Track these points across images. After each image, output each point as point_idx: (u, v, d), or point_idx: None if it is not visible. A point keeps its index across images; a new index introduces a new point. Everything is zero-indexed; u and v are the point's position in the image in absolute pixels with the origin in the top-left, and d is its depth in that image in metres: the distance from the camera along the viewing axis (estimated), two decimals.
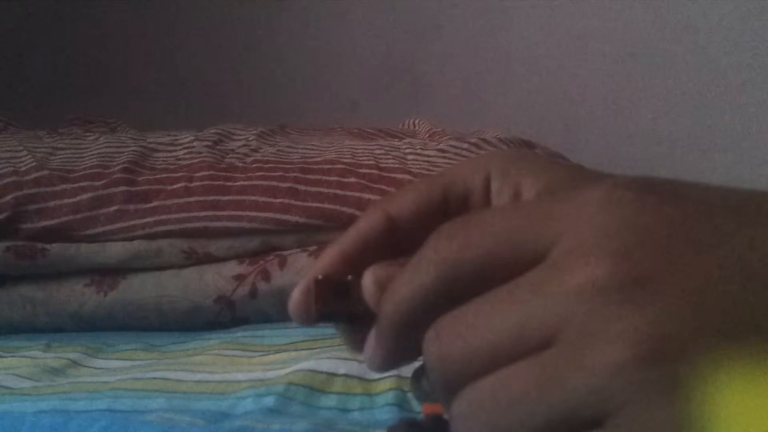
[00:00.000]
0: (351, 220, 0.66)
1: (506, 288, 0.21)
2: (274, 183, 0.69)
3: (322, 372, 0.49)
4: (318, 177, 0.69)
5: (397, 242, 0.26)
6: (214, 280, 0.66)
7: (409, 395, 0.47)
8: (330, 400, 0.47)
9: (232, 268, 0.66)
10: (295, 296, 0.26)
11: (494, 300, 0.22)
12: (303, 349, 0.55)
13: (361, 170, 0.70)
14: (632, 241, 0.20)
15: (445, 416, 0.24)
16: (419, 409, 0.42)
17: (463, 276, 0.22)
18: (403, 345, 0.24)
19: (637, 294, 0.20)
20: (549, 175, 0.25)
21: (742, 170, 1.38)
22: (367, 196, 0.68)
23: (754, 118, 1.39)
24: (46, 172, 0.70)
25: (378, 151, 0.76)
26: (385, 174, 0.70)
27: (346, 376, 0.49)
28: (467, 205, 0.26)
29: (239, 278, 0.65)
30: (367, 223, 0.26)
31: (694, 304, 0.20)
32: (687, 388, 0.19)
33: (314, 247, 0.67)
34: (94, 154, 0.75)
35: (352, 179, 0.69)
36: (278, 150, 0.77)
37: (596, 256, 0.20)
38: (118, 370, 0.54)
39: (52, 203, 0.68)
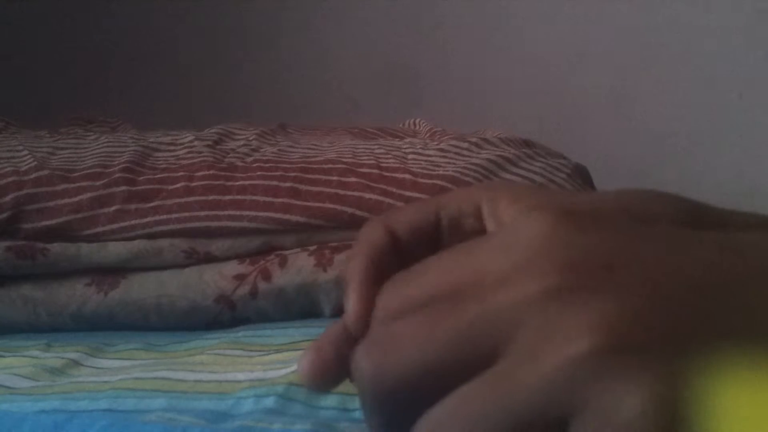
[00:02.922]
0: (352, 219, 0.67)
1: (448, 305, 0.21)
2: (274, 182, 0.69)
3: None
4: (318, 176, 0.69)
5: (399, 255, 0.26)
6: (214, 279, 0.66)
7: None
8: (331, 400, 0.47)
9: (233, 267, 0.66)
10: (352, 307, 0.25)
11: (437, 316, 0.21)
12: (303, 349, 0.55)
13: (361, 170, 0.70)
14: (576, 256, 0.21)
15: None
16: None
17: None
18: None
19: (588, 296, 0.20)
20: (521, 200, 0.26)
21: (742, 170, 1.38)
22: (367, 195, 0.68)
23: (754, 118, 1.39)
24: (46, 171, 0.70)
25: (379, 151, 0.76)
26: (386, 173, 0.70)
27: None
28: (459, 228, 0.27)
29: (239, 278, 0.65)
30: (376, 235, 0.27)
31: (644, 303, 0.20)
32: (650, 373, 0.19)
33: (314, 247, 0.67)
34: (94, 154, 0.75)
35: (353, 179, 0.69)
36: (279, 149, 0.77)
37: (543, 269, 0.21)
38: (119, 370, 0.54)
39: (52, 203, 0.68)
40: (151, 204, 0.68)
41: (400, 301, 0.23)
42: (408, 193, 0.68)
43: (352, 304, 0.25)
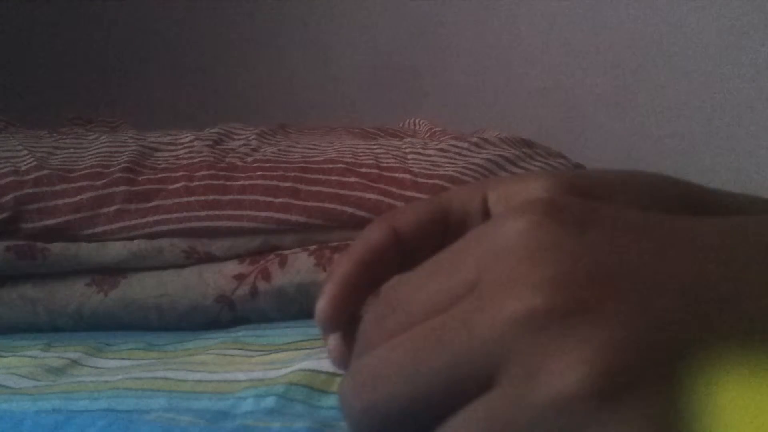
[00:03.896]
0: (352, 219, 0.67)
1: (432, 331, 0.21)
2: (274, 182, 0.69)
3: (323, 372, 0.49)
4: (318, 176, 0.69)
5: (402, 256, 0.26)
6: (214, 279, 0.66)
7: None
8: (331, 400, 0.47)
9: (233, 267, 0.66)
10: (322, 305, 0.25)
11: (422, 344, 0.21)
12: (304, 349, 0.55)
13: (361, 169, 0.70)
14: (563, 267, 0.20)
15: None
16: None
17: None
18: None
19: (577, 323, 0.19)
20: (519, 194, 0.25)
21: (742, 170, 1.38)
22: (367, 195, 0.68)
23: (754, 118, 1.39)
24: (46, 171, 0.70)
25: (378, 151, 0.76)
26: (386, 173, 0.70)
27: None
28: (467, 226, 0.26)
29: (239, 278, 0.65)
30: (375, 235, 0.26)
31: (637, 331, 0.19)
32: (644, 417, 0.18)
33: (314, 247, 0.67)
34: (94, 154, 0.75)
35: (353, 179, 0.69)
36: (279, 149, 0.77)
37: (528, 285, 0.19)
38: (119, 370, 0.54)
39: (52, 203, 0.68)
40: (151, 204, 0.68)
41: (384, 325, 0.22)
42: (408, 193, 0.68)
43: (321, 303, 0.26)
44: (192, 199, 0.68)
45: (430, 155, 0.75)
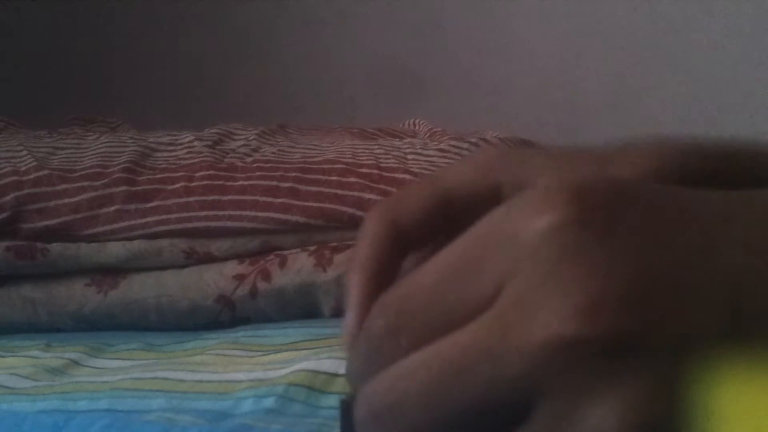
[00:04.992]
0: (351, 219, 0.67)
1: (449, 358, 0.18)
2: (274, 183, 0.69)
3: (322, 372, 0.49)
4: (318, 177, 0.69)
5: (405, 245, 0.24)
6: (214, 279, 0.66)
7: None
8: (330, 401, 0.47)
9: (233, 267, 0.66)
10: (350, 324, 0.23)
11: (441, 372, 0.19)
12: (303, 349, 0.55)
13: (361, 170, 0.70)
14: (593, 287, 0.17)
15: None
16: None
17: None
18: None
19: (615, 358, 0.17)
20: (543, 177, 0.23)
21: None
22: (367, 195, 0.68)
23: (754, 119, 1.39)
24: (46, 171, 0.70)
25: (378, 151, 0.76)
26: (386, 174, 0.70)
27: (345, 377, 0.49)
28: (473, 211, 0.23)
29: (239, 278, 0.65)
30: (378, 237, 0.24)
31: (646, 281, 0.17)
32: (638, 379, 0.17)
33: (314, 247, 0.67)
34: (94, 154, 0.75)
35: (353, 179, 0.69)
36: (279, 150, 0.77)
37: (553, 311, 0.17)
38: (119, 370, 0.54)
39: (52, 203, 0.68)
40: (151, 204, 0.68)
41: (398, 340, 0.20)
42: None
43: (348, 322, 0.23)
44: (192, 199, 0.68)
45: (429, 156, 0.75)
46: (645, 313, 0.17)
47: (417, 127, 1.03)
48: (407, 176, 0.70)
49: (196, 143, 0.77)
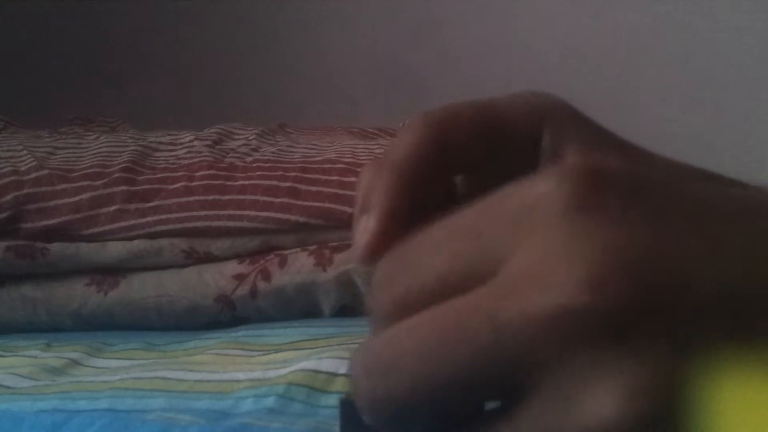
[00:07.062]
0: (351, 219, 0.67)
1: (455, 316, 0.18)
2: (274, 182, 0.69)
3: (322, 372, 0.49)
4: (318, 176, 0.69)
5: (447, 160, 0.22)
6: (214, 279, 0.66)
7: None
8: (331, 400, 0.47)
9: (233, 267, 0.66)
10: (365, 244, 0.21)
11: (444, 331, 0.18)
12: (303, 349, 0.55)
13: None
14: (603, 260, 0.17)
15: None
16: None
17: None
18: None
19: (621, 340, 0.17)
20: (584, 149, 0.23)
21: (742, 170, 1.38)
22: None
23: (754, 119, 1.39)
24: (46, 171, 0.70)
25: (378, 151, 0.76)
26: None
27: (347, 376, 0.49)
28: (515, 146, 0.23)
29: (239, 278, 0.65)
30: (418, 140, 0.21)
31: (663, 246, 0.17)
32: (648, 359, 0.16)
33: (314, 247, 0.67)
34: (94, 154, 0.75)
35: (353, 179, 0.69)
36: (279, 149, 0.77)
37: (560, 283, 0.17)
38: (119, 370, 0.54)
39: (52, 203, 0.68)
40: (151, 204, 0.68)
41: (393, 286, 0.19)
42: None
43: (371, 223, 0.21)
44: (192, 199, 0.68)
45: None
46: (651, 292, 0.17)
47: None
48: None
49: (196, 143, 0.77)
